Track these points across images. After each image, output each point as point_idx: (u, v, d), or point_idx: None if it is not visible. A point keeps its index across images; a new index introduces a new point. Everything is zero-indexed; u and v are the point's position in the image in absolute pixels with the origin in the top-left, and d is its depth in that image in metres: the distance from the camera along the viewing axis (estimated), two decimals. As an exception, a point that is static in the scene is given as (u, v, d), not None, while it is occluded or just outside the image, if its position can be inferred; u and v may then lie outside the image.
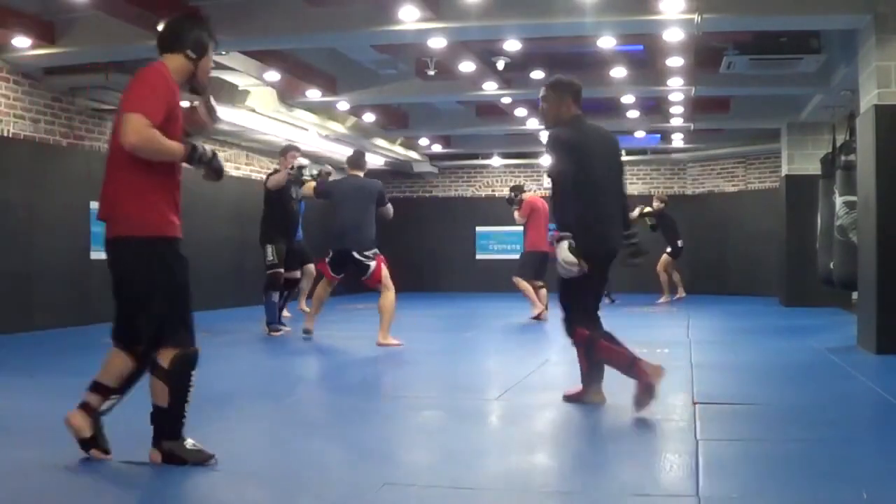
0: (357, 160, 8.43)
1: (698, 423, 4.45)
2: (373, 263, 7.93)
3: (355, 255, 7.92)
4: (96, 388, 3.81)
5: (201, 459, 3.57)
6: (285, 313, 9.54)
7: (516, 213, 11.48)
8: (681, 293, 14.77)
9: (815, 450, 3.97)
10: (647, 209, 14.53)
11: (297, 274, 9.49)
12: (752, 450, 3.98)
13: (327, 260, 8.20)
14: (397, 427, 4.67)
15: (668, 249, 14.60)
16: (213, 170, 4.02)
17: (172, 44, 3.82)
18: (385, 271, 7.97)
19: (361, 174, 8.33)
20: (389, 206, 8.31)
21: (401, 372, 6.93)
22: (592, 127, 5.33)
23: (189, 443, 3.62)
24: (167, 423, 3.62)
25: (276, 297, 8.86)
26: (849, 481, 3.37)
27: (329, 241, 8.23)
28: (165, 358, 3.61)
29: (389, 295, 7.95)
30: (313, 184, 8.52)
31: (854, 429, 4.56)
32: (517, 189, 11.78)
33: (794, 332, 9.45)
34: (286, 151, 9.20)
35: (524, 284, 11.11)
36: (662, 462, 3.83)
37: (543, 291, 11.12)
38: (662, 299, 14.46)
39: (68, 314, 9.74)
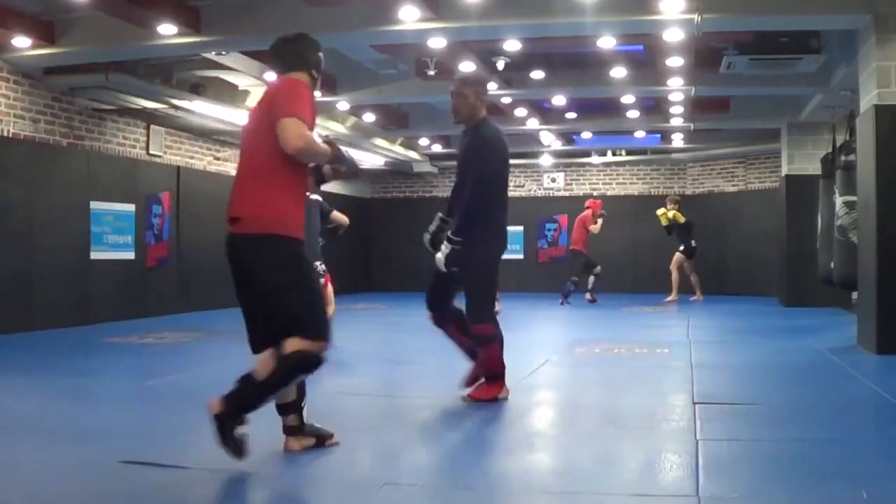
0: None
1: (698, 423, 4.45)
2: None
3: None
4: (284, 409, 3.87)
5: (232, 451, 3.51)
6: None
7: None
8: (697, 295, 14.75)
9: (815, 450, 3.97)
10: (672, 212, 14.53)
11: None
12: (752, 450, 3.98)
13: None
14: (397, 427, 4.67)
15: (681, 248, 14.62)
16: (353, 170, 4.23)
17: (298, 62, 3.89)
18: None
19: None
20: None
21: (401, 372, 6.93)
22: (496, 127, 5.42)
23: (239, 431, 3.56)
24: (244, 395, 3.59)
25: None
26: (849, 481, 3.37)
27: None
28: (291, 346, 3.59)
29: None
30: None
31: (854, 429, 4.56)
32: None
33: (794, 332, 9.45)
34: None
35: None
36: (662, 462, 3.83)
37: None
38: (670, 298, 14.45)
39: (68, 314, 9.75)
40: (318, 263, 7.94)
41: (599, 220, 14.12)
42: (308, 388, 4.03)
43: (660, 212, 14.64)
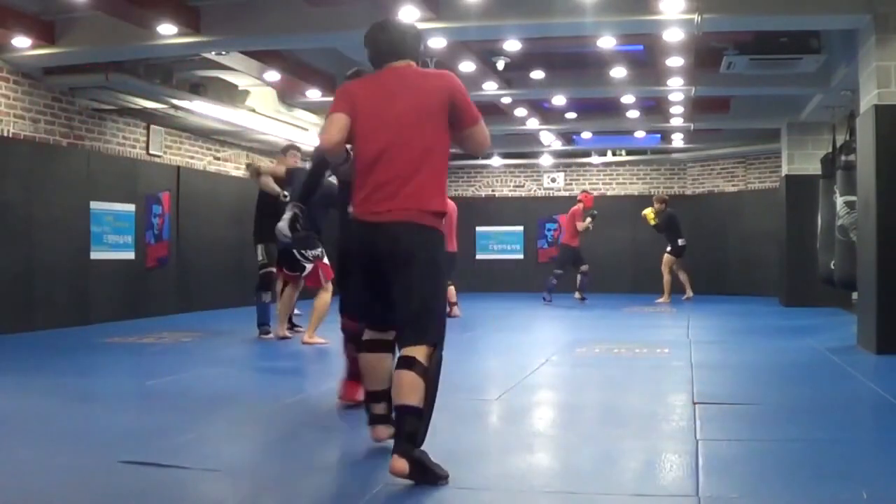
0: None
1: (698, 423, 4.45)
2: (309, 265, 7.99)
3: (295, 253, 7.93)
4: (377, 397, 3.75)
5: (442, 477, 3.32)
6: (296, 311, 9.50)
7: None
8: (688, 293, 14.77)
9: (815, 450, 3.97)
10: (651, 211, 14.59)
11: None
12: (752, 450, 3.98)
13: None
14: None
15: (668, 248, 14.64)
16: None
17: (416, 52, 3.85)
18: (318, 275, 8.05)
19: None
20: None
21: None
22: None
23: (425, 458, 3.35)
24: (420, 426, 3.33)
25: (267, 297, 8.79)
26: (849, 481, 3.37)
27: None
28: (423, 355, 3.39)
29: (324, 295, 8.09)
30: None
31: (854, 429, 4.56)
32: None
33: (794, 332, 9.44)
34: (287, 150, 9.16)
35: None
36: (662, 462, 3.83)
37: (452, 289, 11.38)
38: (661, 299, 14.47)
39: (68, 314, 9.75)
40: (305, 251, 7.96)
41: (588, 219, 14.03)
42: (307, 388, 4.03)
43: (645, 211, 14.72)
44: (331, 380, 6.47)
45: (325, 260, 8.03)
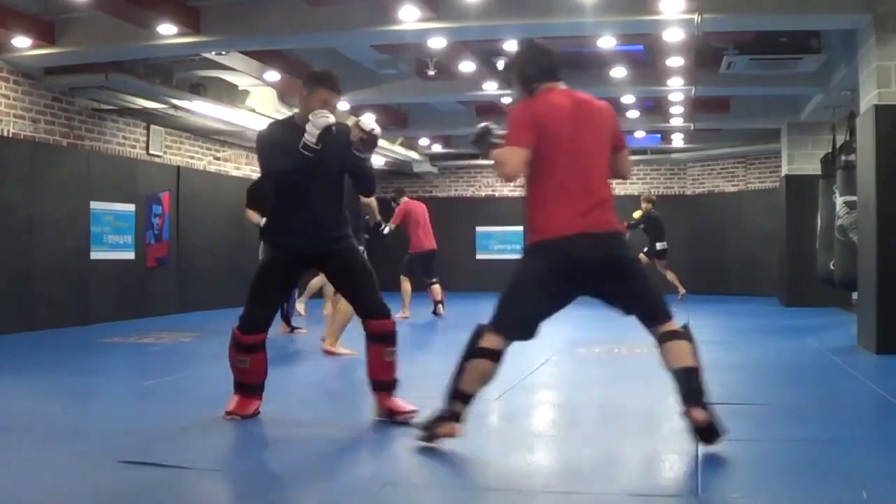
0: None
1: (698, 423, 4.44)
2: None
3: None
4: (470, 399, 3.93)
5: (722, 432, 3.73)
6: (300, 309, 9.48)
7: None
8: (681, 292, 14.74)
9: (815, 450, 3.96)
10: (635, 214, 14.59)
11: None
12: (752, 450, 3.98)
13: None
14: (397, 427, 4.66)
15: (645, 249, 14.58)
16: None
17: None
18: None
19: None
20: None
21: (401, 372, 6.91)
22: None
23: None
24: (702, 383, 3.85)
25: None
26: (849, 481, 3.37)
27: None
28: (677, 325, 4.01)
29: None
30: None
31: (854, 429, 4.55)
32: (398, 192, 12.00)
33: (794, 332, 9.44)
34: None
35: (407, 286, 11.46)
36: (662, 462, 3.83)
37: (437, 287, 11.59)
38: (679, 294, 14.43)
39: (68, 314, 9.74)
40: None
41: None
42: (308, 388, 4.03)
43: (636, 215, 14.68)
44: (331, 379, 6.48)
45: None
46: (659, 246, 14.45)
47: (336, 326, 7.33)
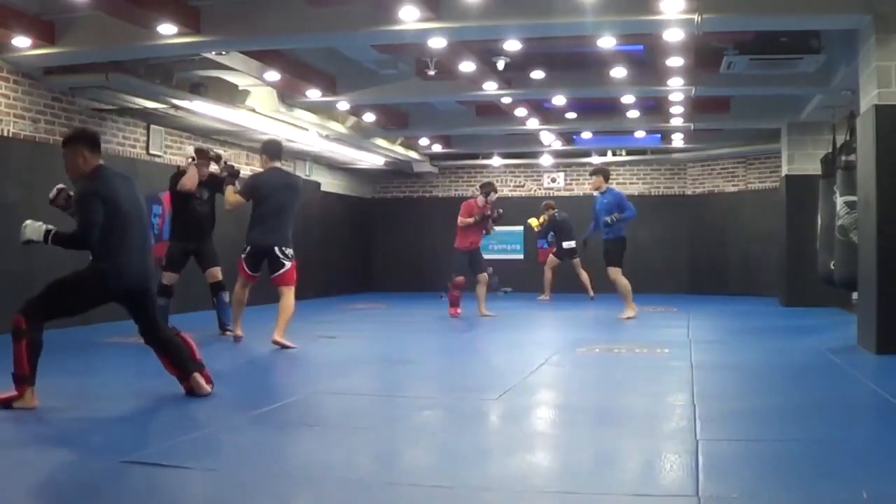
0: (278, 150, 8.32)
1: (698, 423, 4.45)
2: (288, 263, 7.87)
3: (276, 251, 7.83)
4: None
5: None
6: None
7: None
8: (546, 295, 14.89)
9: (815, 450, 3.97)
10: (535, 221, 15.02)
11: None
12: (752, 450, 3.98)
13: (243, 256, 8.10)
14: (397, 427, 4.67)
15: (554, 250, 15.05)
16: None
17: None
18: (294, 275, 7.93)
19: (280, 165, 8.28)
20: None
21: (401, 372, 6.93)
22: (115, 172, 5.58)
23: None
24: None
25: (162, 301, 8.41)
26: (849, 481, 3.37)
27: (246, 237, 8.15)
28: None
29: (291, 296, 7.87)
30: (234, 190, 8.37)
31: (854, 429, 4.56)
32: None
33: (794, 332, 9.45)
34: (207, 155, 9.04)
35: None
36: (662, 462, 3.83)
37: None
38: (542, 297, 14.85)
39: (68, 314, 9.73)
40: (289, 252, 7.91)
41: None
42: (308, 389, 4.03)
43: (529, 220, 15.24)
44: (331, 380, 6.49)
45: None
46: (566, 245, 14.82)
47: (285, 319, 7.78)
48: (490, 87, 10.86)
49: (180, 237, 8.98)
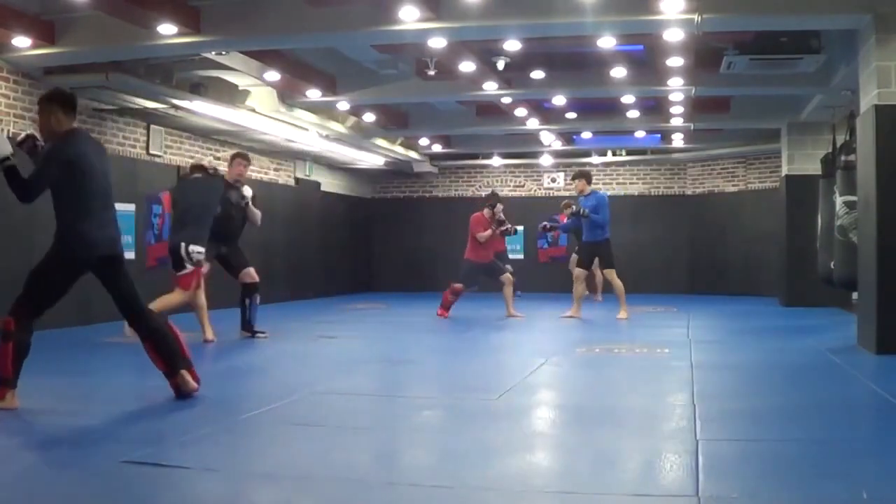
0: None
1: (698, 423, 4.45)
2: (190, 267, 7.93)
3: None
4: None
5: None
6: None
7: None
8: (597, 296, 14.63)
9: (815, 450, 3.97)
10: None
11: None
12: (752, 450, 3.98)
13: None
14: (397, 427, 4.67)
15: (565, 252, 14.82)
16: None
17: None
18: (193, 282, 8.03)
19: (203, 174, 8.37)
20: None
21: (401, 372, 6.93)
22: (88, 138, 5.48)
23: None
24: None
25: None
26: (849, 481, 3.37)
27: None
28: None
29: (177, 297, 8.00)
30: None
31: (854, 429, 4.56)
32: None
33: (794, 332, 9.45)
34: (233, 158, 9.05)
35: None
36: (662, 462, 3.83)
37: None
38: (596, 297, 14.59)
39: (68, 314, 9.72)
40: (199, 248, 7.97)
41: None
42: (307, 389, 4.03)
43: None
44: (331, 380, 6.49)
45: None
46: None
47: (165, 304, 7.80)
48: (490, 87, 10.87)
49: (215, 238, 8.88)
